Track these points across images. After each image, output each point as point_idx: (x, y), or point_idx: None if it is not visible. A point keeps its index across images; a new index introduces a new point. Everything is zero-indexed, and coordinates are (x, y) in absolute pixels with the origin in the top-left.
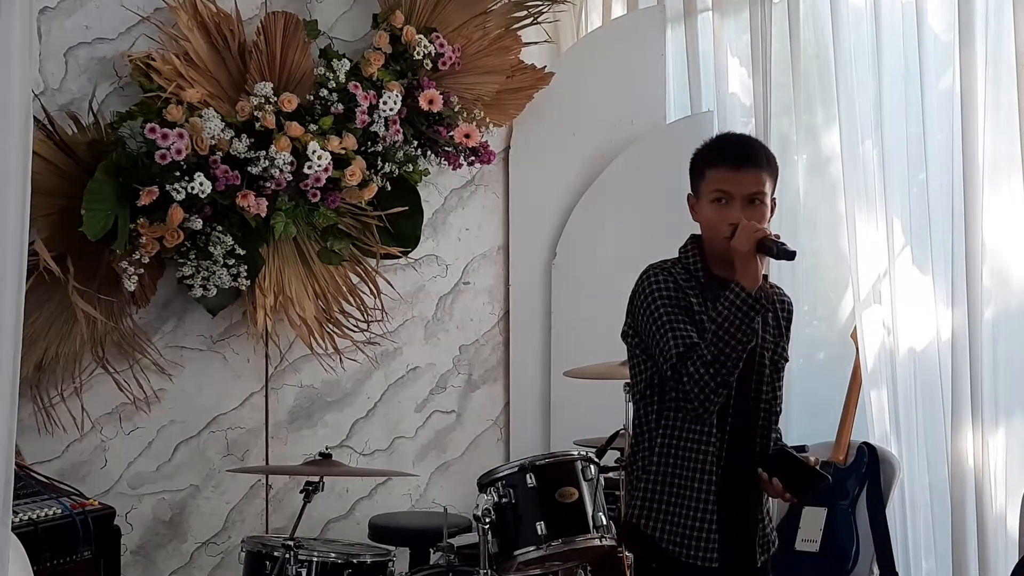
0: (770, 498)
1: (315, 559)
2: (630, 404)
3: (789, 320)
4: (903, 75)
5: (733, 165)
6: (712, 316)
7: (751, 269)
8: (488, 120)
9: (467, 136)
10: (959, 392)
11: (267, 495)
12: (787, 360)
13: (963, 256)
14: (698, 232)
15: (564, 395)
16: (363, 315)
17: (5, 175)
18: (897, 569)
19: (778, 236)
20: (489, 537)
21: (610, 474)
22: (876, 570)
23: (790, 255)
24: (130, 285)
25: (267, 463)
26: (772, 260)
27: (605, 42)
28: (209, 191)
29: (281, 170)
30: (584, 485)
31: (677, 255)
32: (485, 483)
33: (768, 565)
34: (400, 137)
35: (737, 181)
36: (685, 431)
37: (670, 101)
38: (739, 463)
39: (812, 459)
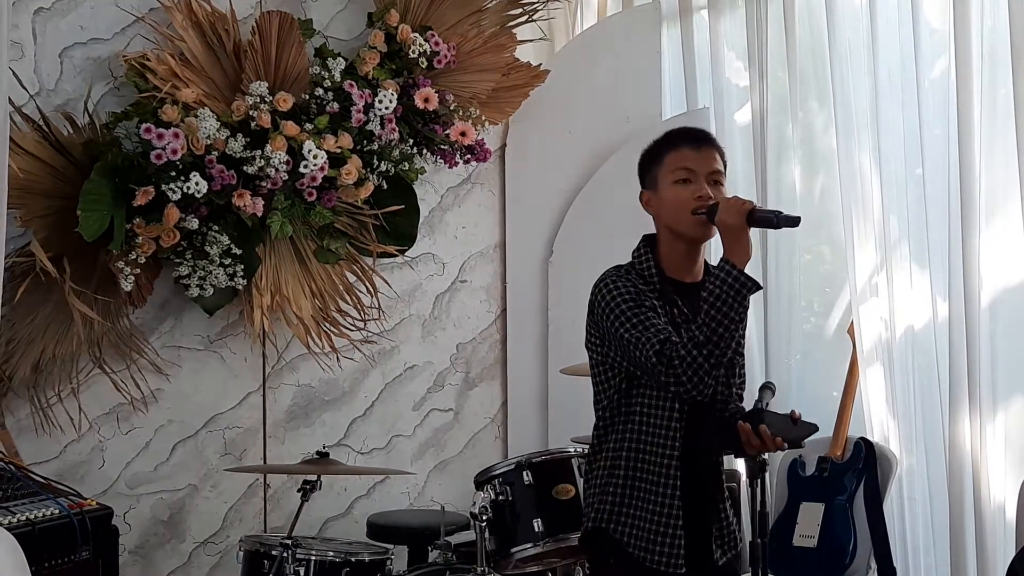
0: (730, 492)
1: (313, 558)
2: None
3: None
4: (899, 69)
5: (694, 145)
6: (703, 296)
7: (742, 243)
8: (484, 118)
9: (463, 134)
10: (956, 386)
11: (265, 494)
12: (742, 354)
13: (959, 250)
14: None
15: (561, 392)
16: (360, 314)
17: None
18: (895, 564)
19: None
20: (486, 535)
21: None
22: (874, 565)
23: (794, 221)
24: (126, 285)
25: (265, 462)
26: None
27: (600, 39)
28: (205, 191)
29: (277, 169)
30: (580, 482)
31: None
32: (482, 481)
33: (735, 565)
34: (396, 136)
35: (699, 159)
36: (650, 434)
37: (666, 98)
38: (696, 463)
39: (794, 413)
